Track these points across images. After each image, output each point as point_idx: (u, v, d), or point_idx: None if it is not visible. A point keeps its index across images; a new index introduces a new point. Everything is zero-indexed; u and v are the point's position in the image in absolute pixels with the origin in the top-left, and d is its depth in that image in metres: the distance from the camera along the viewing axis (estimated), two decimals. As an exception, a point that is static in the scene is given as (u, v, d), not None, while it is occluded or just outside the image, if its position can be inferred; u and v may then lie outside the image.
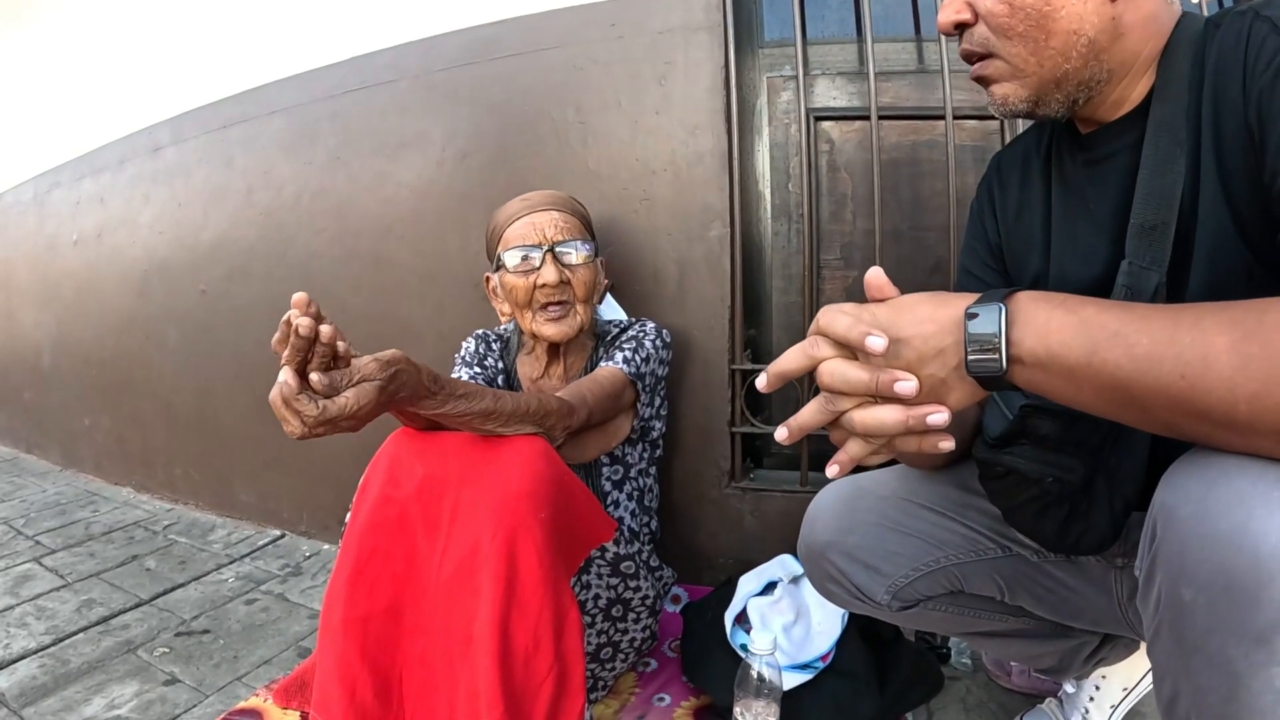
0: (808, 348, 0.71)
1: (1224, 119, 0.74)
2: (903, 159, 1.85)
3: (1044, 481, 0.83)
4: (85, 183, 3.24)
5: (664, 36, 1.86)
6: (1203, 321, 0.57)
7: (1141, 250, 0.78)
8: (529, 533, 1.05)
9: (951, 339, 0.67)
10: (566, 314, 1.50)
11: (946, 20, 0.86)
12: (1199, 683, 0.58)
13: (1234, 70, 0.73)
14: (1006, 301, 0.65)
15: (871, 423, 0.68)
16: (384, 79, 2.22)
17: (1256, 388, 0.54)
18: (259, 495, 2.62)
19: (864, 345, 0.67)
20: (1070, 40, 0.80)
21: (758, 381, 0.73)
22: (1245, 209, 0.73)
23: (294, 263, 2.42)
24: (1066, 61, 0.81)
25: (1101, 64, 0.81)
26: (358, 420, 0.92)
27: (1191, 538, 0.58)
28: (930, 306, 0.69)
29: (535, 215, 1.51)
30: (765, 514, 1.87)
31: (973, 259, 1.09)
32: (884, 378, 0.67)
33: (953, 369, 0.67)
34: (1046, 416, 0.81)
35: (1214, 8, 1.68)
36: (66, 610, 1.94)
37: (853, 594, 1.07)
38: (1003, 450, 0.85)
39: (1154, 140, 0.79)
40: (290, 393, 0.86)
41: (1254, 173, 0.71)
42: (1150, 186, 0.79)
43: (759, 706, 1.18)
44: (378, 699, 1.08)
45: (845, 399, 0.70)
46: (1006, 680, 1.47)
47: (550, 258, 1.47)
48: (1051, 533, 0.87)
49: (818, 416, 0.71)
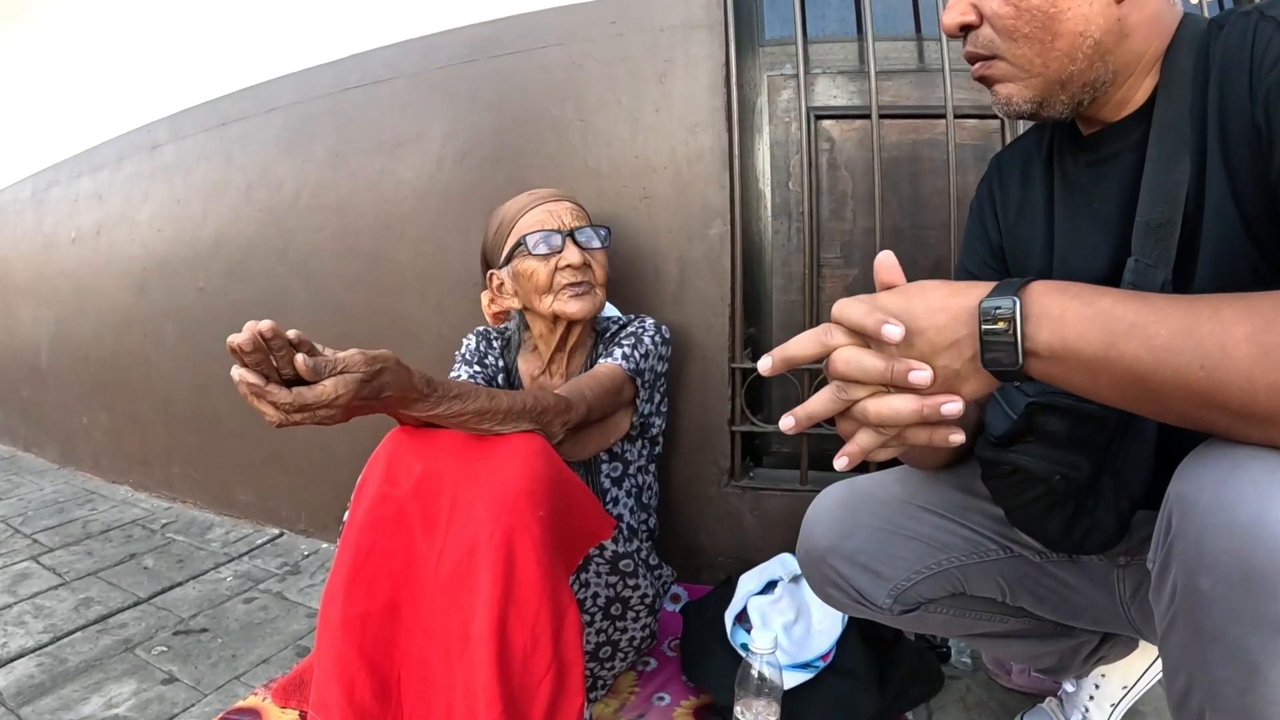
0: (821, 335, 0.70)
1: (1230, 117, 0.74)
2: (903, 158, 1.84)
3: (1050, 480, 0.83)
4: (84, 180, 3.23)
5: (664, 34, 1.85)
6: (1221, 312, 0.57)
7: (1147, 248, 0.78)
8: (527, 531, 1.05)
9: (966, 330, 0.66)
10: (589, 292, 1.51)
11: (951, 22, 0.85)
12: (1215, 674, 0.58)
13: (1240, 69, 0.72)
14: (1021, 294, 0.65)
15: (886, 412, 0.67)
16: (383, 76, 2.21)
17: (1275, 378, 0.54)
18: (257, 494, 2.62)
19: (880, 334, 0.66)
20: (1076, 42, 0.79)
21: (760, 364, 0.71)
22: (1251, 206, 0.73)
23: (293, 260, 2.42)
24: (1072, 63, 0.81)
25: (1107, 65, 0.81)
26: (337, 410, 0.92)
27: (1209, 528, 0.57)
28: (942, 295, 0.68)
29: (549, 204, 1.53)
30: (765, 512, 1.87)
31: (972, 258, 1.09)
32: (899, 366, 0.66)
33: (967, 360, 0.67)
34: (1054, 414, 0.80)
35: (1214, 9, 1.68)
36: (64, 609, 1.93)
37: (854, 598, 1.07)
38: (1008, 448, 0.85)
39: (1159, 138, 0.79)
40: (259, 388, 0.87)
41: (1260, 170, 0.71)
42: (1156, 184, 0.78)
43: (759, 705, 1.18)
44: (376, 698, 1.08)
45: (858, 388, 0.69)
46: (1006, 679, 1.47)
47: (571, 240, 1.50)
48: (1056, 532, 0.87)
49: (829, 405, 0.70)
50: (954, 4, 0.85)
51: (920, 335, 0.67)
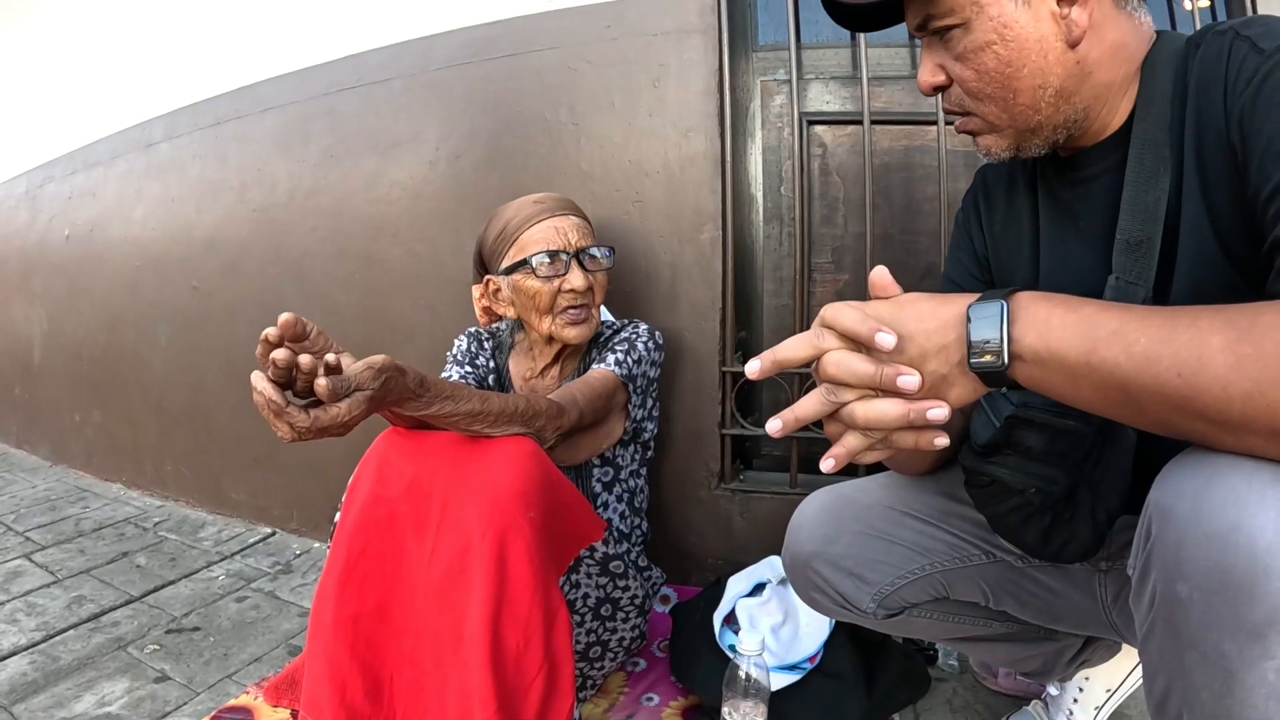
0: (813, 338, 0.71)
1: (1206, 136, 0.75)
2: (895, 164, 1.86)
3: (1026, 492, 0.85)
4: (78, 177, 3.23)
5: (658, 39, 1.86)
6: (1199, 322, 0.59)
7: (1127, 265, 0.80)
8: (519, 533, 1.06)
9: (954, 335, 0.68)
10: (587, 316, 1.51)
11: (924, 83, 0.89)
12: (1192, 679, 0.59)
13: (1215, 88, 0.74)
14: (1008, 299, 0.67)
15: (873, 415, 0.69)
16: (379, 78, 2.22)
17: (1249, 387, 0.55)
18: (250, 492, 2.62)
19: (874, 341, 0.68)
20: (1037, 94, 0.82)
21: (748, 366, 0.72)
22: (1227, 223, 0.74)
23: (286, 260, 2.42)
24: (1037, 113, 0.83)
25: (1074, 105, 0.83)
26: (347, 428, 0.93)
27: (1188, 535, 0.59)
28: (932, 304, 0.70)
29: (556, 219, 1.50)
30: (754, 515, 1.88)
31: (957, 268, 1.10)
32: (888, 371, 0.68)
33: (955, 365, 0.68)
34: (1031, 428, 0.82)
35: (1206, 17, 1.70)
36: (57, 607, 1.93)
37: (838, 603, 1.08)
38: (988, 459, 0.87)
39: (1138, 157, 0.80)
40: (279, 408, 0.87)
41: (1235, 188, 0.72)
42: (1135, 202, 0.80)
43: (747, 707, 1.19)
44: (368, 698, 1.08)
45: (847, 391, 0.70)
46: (993, 682, 1.48)
47: (577, 263, 1.48)
48: (1034, 541, 0.89)
49: (818, 407, 0.72)
50: (924, 66, 0.88)
51: (910, 341, 0.69)
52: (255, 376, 0.88)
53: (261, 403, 0.87)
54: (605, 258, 1.54)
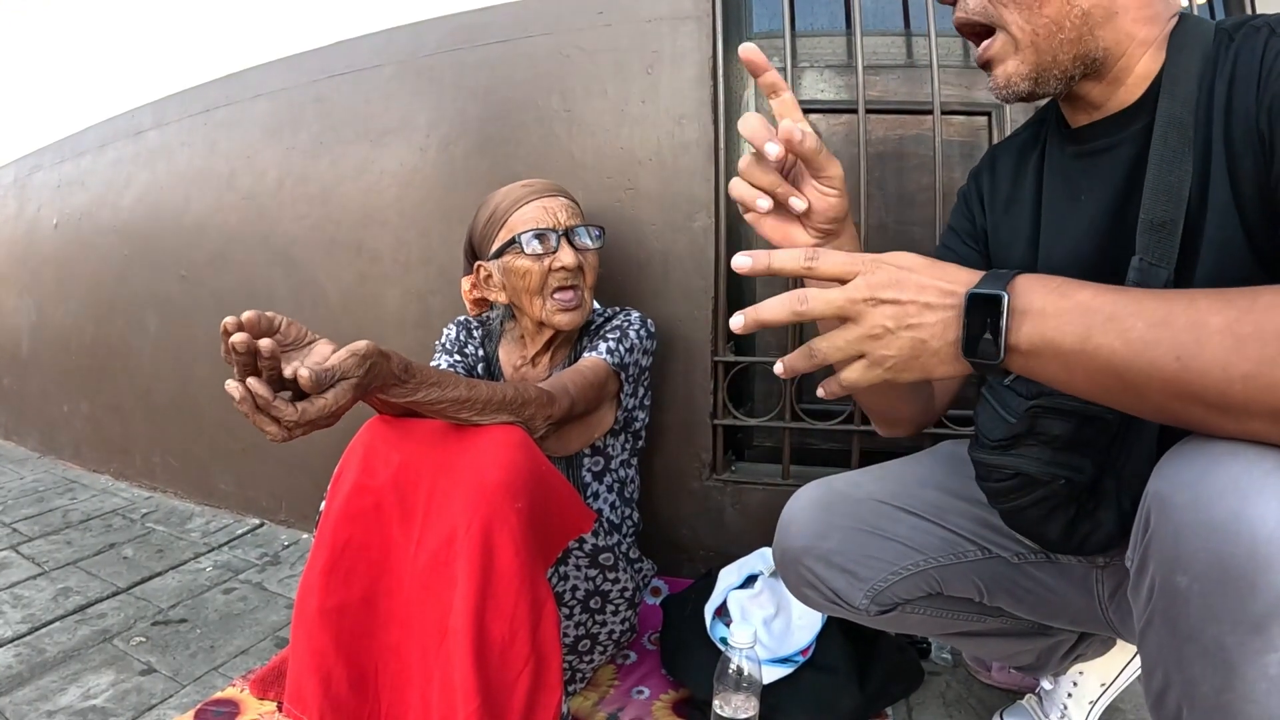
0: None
1: (1235, 124, 0.74)
2: (889, 153, 1.84)
3: (1054, 483, 0.83)
4: (66, 166, 3.20)
5: (651, 25, 1.84)
6: (1196, 304, 0.57)
7: (1151, 246, 0.77)
8: (505, 523, 1.04)
9: (953, 311, 0.66)
10: (579, 302, 1.50)
11: None
12: (1192, 672, 0.58)
13: (1249, 79, 0.73)
14: (1008, 288, 0.64)
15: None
16: (369, 64, 2.19)
17: (1250, 368, 0.54)
18: (238, 483, 2.60)
19: (764, 151, 0.77)
20: (1064, 9, 0.80)
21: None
22: (1252, 213, 0.73)
23: (275, 248, 2.40)
24: (1060, 30, 0.81)
25: (1096, 40, 0.81)
26: (335, 418, 0.92)
27: (1186, 525, 0.57)
28: (933, 273, 0.67)
29: (545, 200, 1.50)
30: (746, 507, 1.87)
31: (953, 237, 1.09)
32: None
33: (949, 343, 0.66)
34: (1058, 416, 0.80)
35: (1204, 11, 1.68)
36: (43, 598, 1.92)
37: (830, 599, 1.07)
38: (1007, 452, 0.85)
39: (1163, 136, 0.79)
40: (265, 402, 0.85)
41: (1261, 177, 0.72)
42: (1159, 183, 0.78)
43: (738, 700, 1.18)
44: (353, 690, 1.07)
45: (818, 303, 0.68)
46: (986, 676, 1.47)
47: (566, 241, 1.47)
48: (1057, 534, 0.87)
49: (780, 314, 0.69)
50: None
51: (896, 304, 0.67)
52: (230, 385, 0.85)
53: (245, 409, 0.85)
54: (595, 238, 1.53)
